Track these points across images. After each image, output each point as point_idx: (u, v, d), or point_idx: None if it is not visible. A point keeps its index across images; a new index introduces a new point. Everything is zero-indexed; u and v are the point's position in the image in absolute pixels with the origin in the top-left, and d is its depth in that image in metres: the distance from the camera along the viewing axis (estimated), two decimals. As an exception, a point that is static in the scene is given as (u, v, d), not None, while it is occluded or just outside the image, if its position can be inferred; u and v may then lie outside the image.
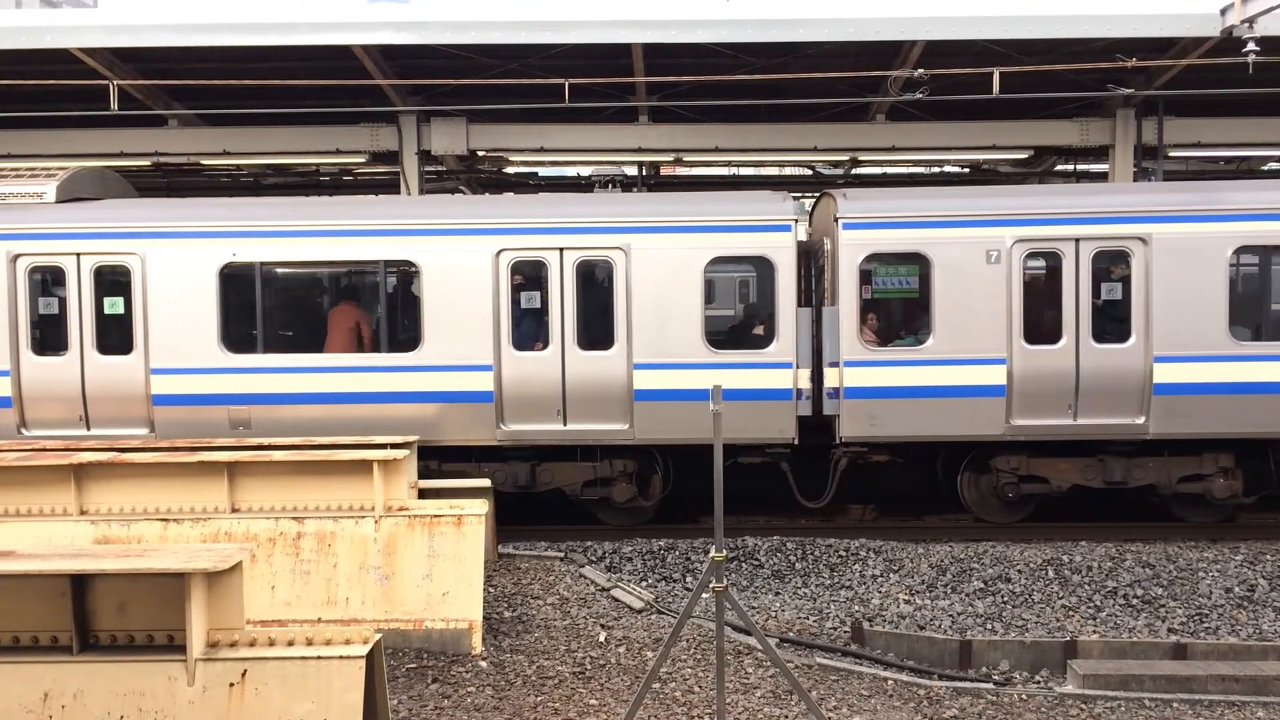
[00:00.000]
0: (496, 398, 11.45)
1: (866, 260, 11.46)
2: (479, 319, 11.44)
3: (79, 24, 13.27)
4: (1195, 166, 17.39)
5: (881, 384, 11.31)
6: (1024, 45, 12.75)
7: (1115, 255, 11.32)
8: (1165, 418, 11.20)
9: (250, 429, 11.43)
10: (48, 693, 5.11)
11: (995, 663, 8.80)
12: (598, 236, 11.50)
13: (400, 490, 8.87)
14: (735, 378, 11.26)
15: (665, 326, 11.39)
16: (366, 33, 12.71)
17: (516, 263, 11.52)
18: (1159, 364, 11.16)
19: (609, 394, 11.44)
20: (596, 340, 11.52)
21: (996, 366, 11.24)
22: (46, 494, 8.48)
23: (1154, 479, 11.64)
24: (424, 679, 7.61)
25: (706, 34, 12.64)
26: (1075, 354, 11.26)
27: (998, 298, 11.24)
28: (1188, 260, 11.17)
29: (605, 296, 11.52)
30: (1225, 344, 11.16)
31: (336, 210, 12.07)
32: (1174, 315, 11.15)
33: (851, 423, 11.37)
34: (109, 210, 11.97)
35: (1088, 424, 11.29)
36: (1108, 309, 11.39)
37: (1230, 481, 11.59)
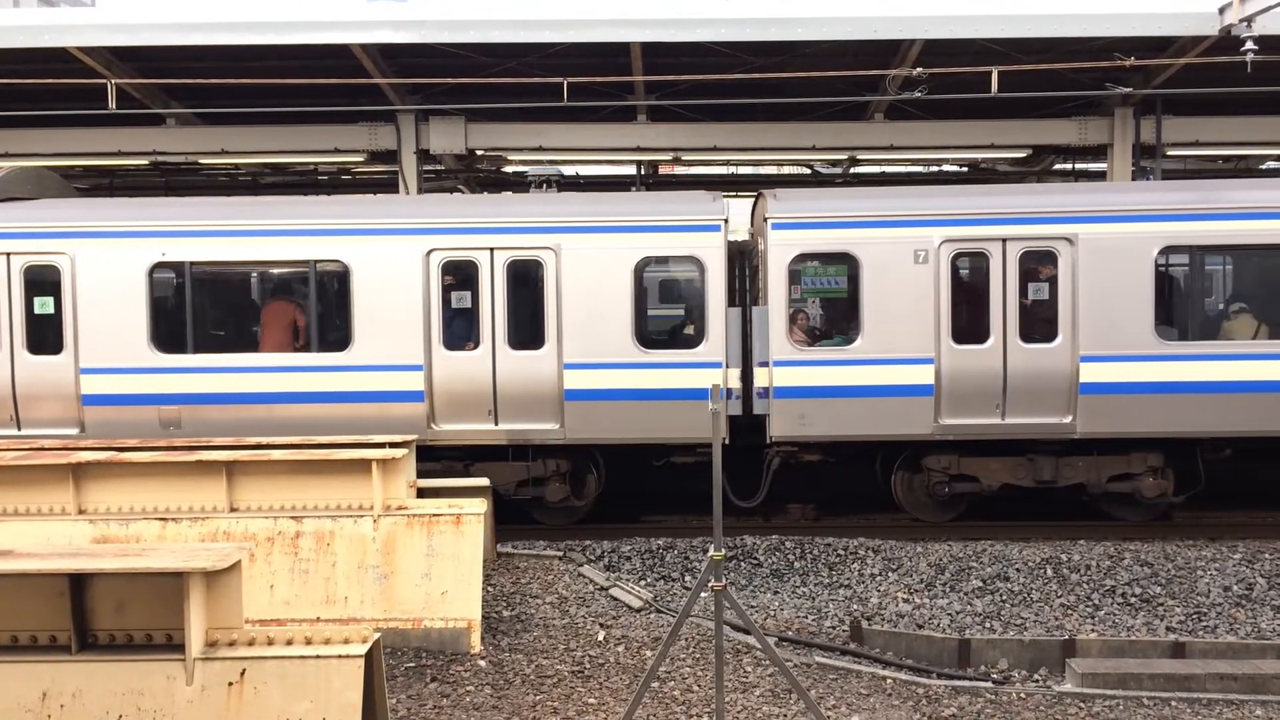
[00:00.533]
0: (428, 397, 11.49)
1: (796, 260, 11.54)
2: (409, 319, 11.48)
3: (77, 23, 13.27)
4: (1194, 165, 17.39)
5: (811, 384, 11.38)
6: (1022, 44, 12.75)
7: (1042, 255, 11.39)
8: (1092, 417, 11.27)
9: (180, 429, 11.45)
10: (46, 692, 5.11)
11: (994, 661, 8.81)
12: (528, 236, 11.54)
13: (399, 489, 8.87)
14: (665, 377, 11.39)
15: (595, 326, 11.44)
16: (365, 31, 12.70)
17: (447, 263, 11.57)
18: (1085, 364, 11.22)
19: (540, 394, 11.49)
20: (527, 340, 11.57)
21: (924, 366, 11.31)
22: (45, 493, 8.47)
23: (1083, 478, 11.71)
24: (423, 678, 7.61)
25: (705, 33, 12.64)
26: (1003, 354, 11.33)
27: (926, 297, 11.30)
28: (1114, 260, 11.24)
29: (536, 296, 11.57)
30: (1151, 344, 11.23)
31: (267, 210, 12.08)
32: (1100, 315, 11.22)
33: (781, 422, 11.42)
34: (39, 210, 11.99)
35: (1015, 423, 11.35)
36: (1035, 309, 11.47)
37: (1159, 481, 11.64)
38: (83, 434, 11.43)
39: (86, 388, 11.52)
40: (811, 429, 11.41)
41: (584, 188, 18.76)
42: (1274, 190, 11.84)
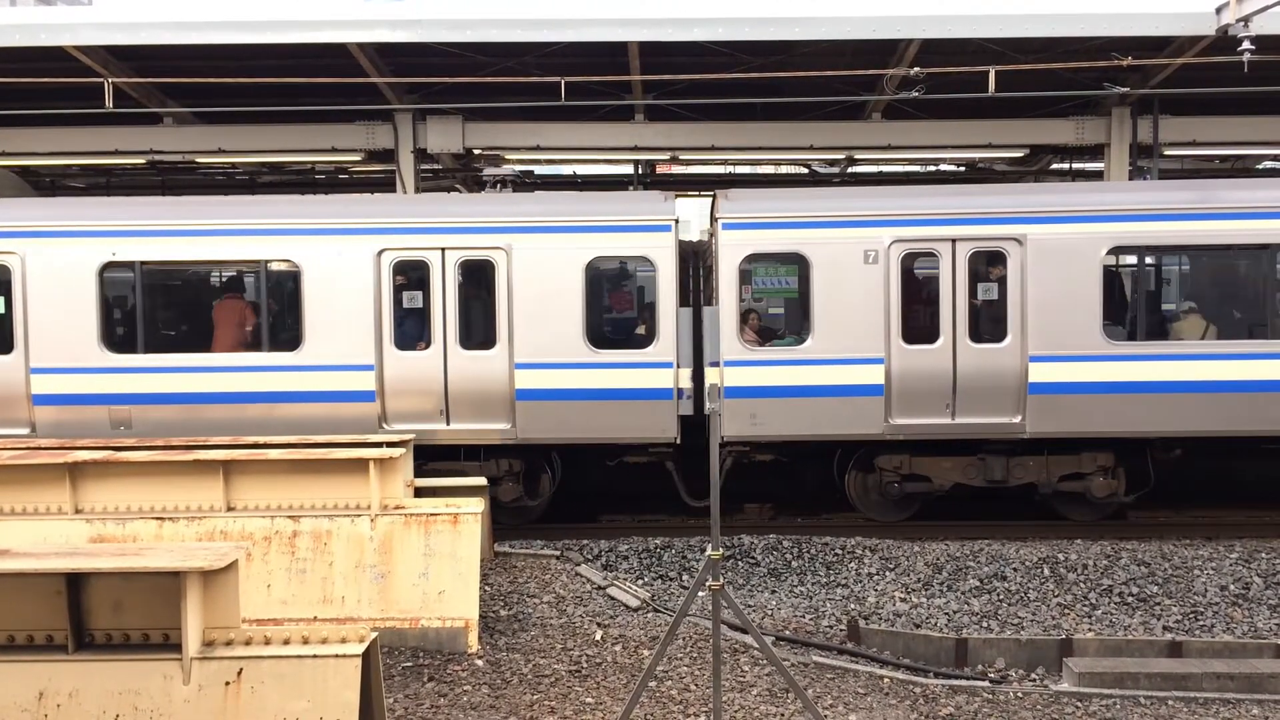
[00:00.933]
0: (379, 397, 11.49)
1: (747, 260, 11.58)
2: (360, 319, 11.48)
3: (73, 21, 13.22)
4: (1191, 165, 17.40)
5: (762, 383, 11.40)
6: (1020, 44, 12.75)
7: (992, 256, 11.43)
8: (1041, 417, 11.30)
9: (131, 429, 11.43)
10: (43, 691, 5.10)
11: (991, 660, 8.82)
12: (479, 236, 11.56)
13: (396, 489, 8.87)
14: (616, 377, 11.42)
15: (547, 326, 11.46)
16: (362, 30, 12.68)
17: (398, 262, 11.58)
18: (1034, 363, 11.25)
19: (491, 393, 11.50)
20: (479, 340, 11.60)
21: (875, 366, 11.33)
22: (41, 492, 8.46)
23: (1034, 478, 11.74)
24: (420, 678, 7.60)
25: (703, 32, 12.63)
26: (952, 354, 11.36)
27: (876, 298, 11.33)
28: (1062, 261, 11.27)
29: (487, 296, 11.58)
30: (1099, 344, 11.26)
31: (219, 210, 12.07)
32: (1049, 315, 11.26)
33: (733, 422, 11.43)
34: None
35: (965, 423, 11.39)
36: (985, 309, 11.51)
37: (1109, 480, 11.66)
38: (33, 434, 11.42)
39: (37, 387, 11.50)
40: (763, 429, 11.43)
41: (583, 187, 18.77)
42: (1221, 191, 11.90)
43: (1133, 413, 11.25)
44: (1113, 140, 14.64)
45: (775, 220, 11.51)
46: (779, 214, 11.55)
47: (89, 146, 15.04)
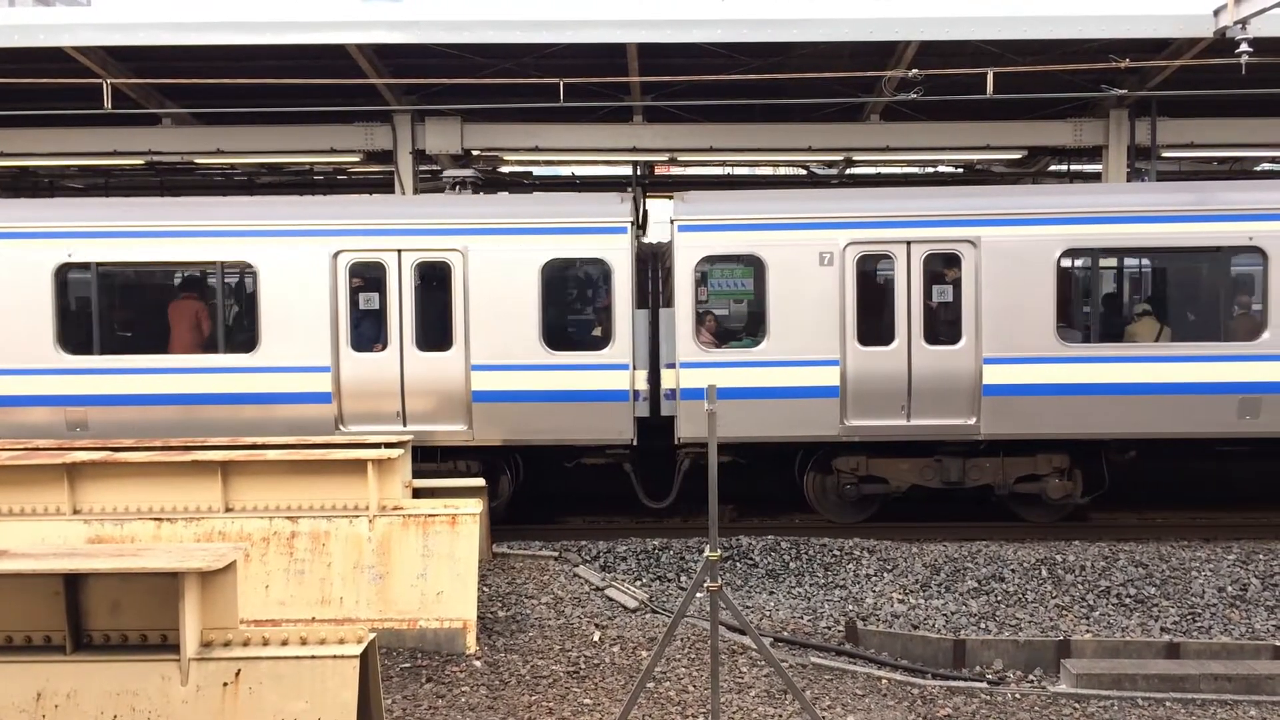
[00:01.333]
0: (335, 399, 11.50)
1: (703, 262, 11.62)
2: (316, 320, 11.49)
3: (72, 22, 13.23)
4: (1189, 167, 17.42)
5: (718, 385, 11.34)
6: (1018, 46, 12.76)
7: (946, 258, 11.46)
8: (995, 419, 11.33)
9: (88, 430, 11.43)
10: (41, 692, 5.10)
11: (989, 662, 8.82)
12: (435, 238, 11.57)
13: (394, 489, 8.86)
14: (573, 379, 11.45)
15: (503, 328, 11.47)
16: (361, 32, 12.68)
17: (355, 264, 11.59)
18: (988, 365, 11.28)
19: (447, 395, 11.52)
20: (435, 342, 11.59)
21: (830, 368, 11.36)
22: (39, 493, 8.46)
23: (990, 479, 11.75)
24: (418, 679, 7.60)
25: (701, 34, 12.64)
26: (907, 356, 11.39)
27: (831, 300, 11.36)
28: (1016, 263, 11.30)
29: (444, 298, 11.58)
30: (1053, 346, 11.29)
31: (175, 211, 12.07)
32: (1003, 317, 11.29)
33: (689, 424, 11.45)
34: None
35: (921, 424, 11.42)
36: (939, 311, 11.54)
37: (1064, 482, 11.68)
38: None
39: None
40: (719, 430, 11.39)
41: (581, 188, 18.77)
42: (1174, 194, 11.94)
43: (1086, 414, 11.29)
44: (1111, 142, 14.65)
45: (731, 222, 11.54)
46: (735, 216, 11.59)
47: (88, 147, 15.04)
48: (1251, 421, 11.20)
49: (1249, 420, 11.20)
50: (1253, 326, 11.42)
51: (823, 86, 13.57)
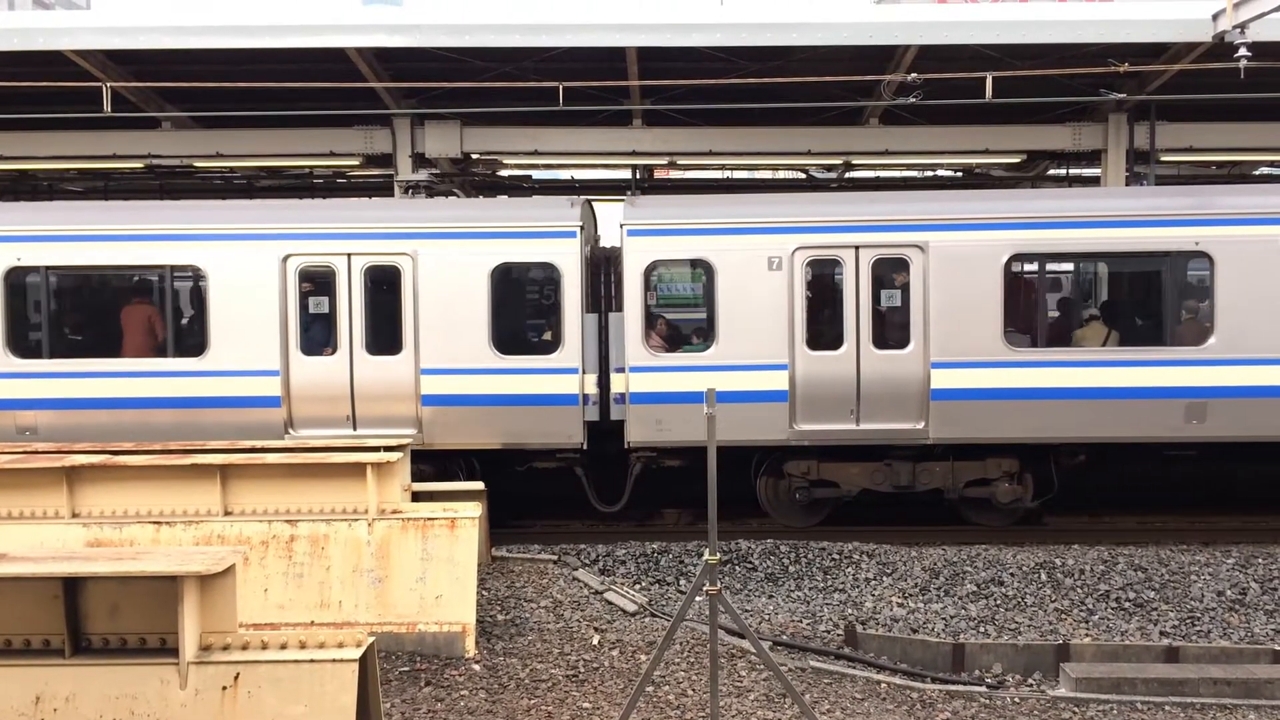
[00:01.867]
0: (285, 403, 11.48)
1: (652, 266, 11.61)
2: (266, 324, 11.46)
3: (72, 26, 13.24)
4: (1188, 171, 17.43)
5: (667, 389, 11.41)
6: (1017, 50, 12.77)
7: (895, 263, 11.46)
8: (943, 423, 11.33)
9: (37, 434, 11.42)
10: (39, 696, 5.10)
11: (988, 666, 8.82)
12: (385, 242, 11.57)
13: (393, 493, 8.86)
14: (522, 383, 11.45)
15: (453, 332, 11.46)
16: (360, 35, 12.70)
17: (304, 268, 11.58)
18: (936, 370, 11.29)
19: (398, 399, 11.50)
20: (385, 346, 11.57)
21: (779, 372, 11.35)
22: (38, 496, 8.45)
23: (941, 483, 11.74)
24: (417, 682, 7.60)
25: (700, 38, 12.65)
26: (856, 360, 11.38)
27: (780, 304, 11.35)
28: (964, 268, 11.30)
29: (394, 302, 11.56)
30: (1000, 350, 11.29)
31: (124, 215, 12.03)
32: (951, 322, 11.29)
33: (639, 428, 11.47)
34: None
35: (870, 429, 11.41)
36: (888, 316, 11.55)
37: (1014, 486, 11.69)
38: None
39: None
40: (668, 434, 11.46)
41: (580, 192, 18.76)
42: (1123, 199, 11.95)
43: (1034, 419, 11.28)
44: (1109, 146, 14.66)
45: (681, 227, 11.55)
46: (684, 220, 11.59)
47: (87, 150, 15.04)
48: (1198, 426, 11.21)
49: (1196, 425, 11.20)
50: (1199, 331, 11.40)
51: (822, 90, 13.58)
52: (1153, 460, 12.46)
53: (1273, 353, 11.15)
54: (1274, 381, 11.13)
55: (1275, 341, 11.14)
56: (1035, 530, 11.95)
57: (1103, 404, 11.23)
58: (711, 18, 13.23)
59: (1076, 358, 11.42)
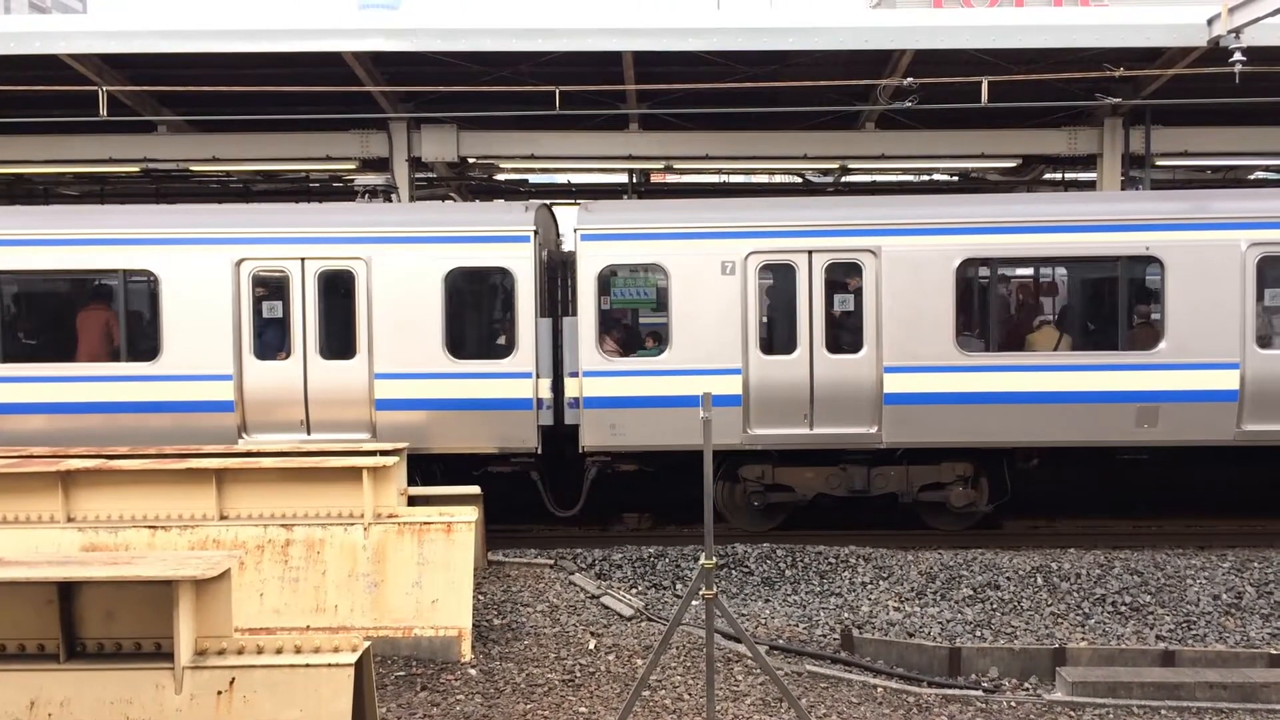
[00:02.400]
0: (238, 407, 11.48)
1: (606, 271, 11.64)
2: (219, 329, 11.46)
3: (67, 29, 13.24)
4: (1183, 175, 17.47)
5: (621, 394, 11.44)
6: (1013, 55, 12.80)
7: (847, 267, 11.48)
8: (896, 427, 11.34)
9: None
10: (34, 701, 5.08)
11: (984, 670, 8.81)
12: (339, 247, 11.58)
13: (390, 497, 8.84)
14: (476, 387, 11.45)
15: (406, 336, 11.46)
16: (357, 39, 12.71)
17: (258, 272, 11.59)
18: (889, 374, 11.30)
19: (351, 403, 11.49)
20: (339, 350, 11.57)
21: (733, 376, 11.36)
22: (33, 501, 8.43)
23: (895, 488, 11.76)
24: (413, 687, 7.59)
25: (697, 42, 12.67)
26: (809, 365, 11.38)
27: (733, 309, 11.37)
28: (916, 272, 11.33)
29: (348, 307, 11.56)
30: (952, 355, 11.31)
31: (77, 219, 12.04)
32: (903, 327, 11.31)
33: (593, 432, 11.47)
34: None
35: (824, 433, 11.42)
36: (841, 320, 11.57)
37: (968, 490, 11.70)
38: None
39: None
40: (623, 439, 11.47)
41: (577, 196, 18.77)
42: (1074, 204, 12.04)
43: (987, 423, 11.30)
44: (1105, 151, 14.69)
45: (634, 231, 11.57)
46: (638, 225, 11.62)
47: (83, 154, 15.02)
48: (1149, 430, 11.24)
49: (1147, 429, 11.24)
50: (1150, 336, 11.43)
51: (818, 95, 13.61)
52: (1109, 465, 12.49)
53: (1222, 357, 11.18)
54: (1223, 386, 11.16)
55: (1224, 346, 11.18)
56: (1031, 534, 11.96)
57: (1055, 408, 11.26)
58: (708, 22, 13.25)
59: (1028, 362, 11.44)
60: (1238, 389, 11.14)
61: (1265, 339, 11.27)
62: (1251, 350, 11.16)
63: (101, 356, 11.73)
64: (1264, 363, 11.16)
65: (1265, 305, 11.29)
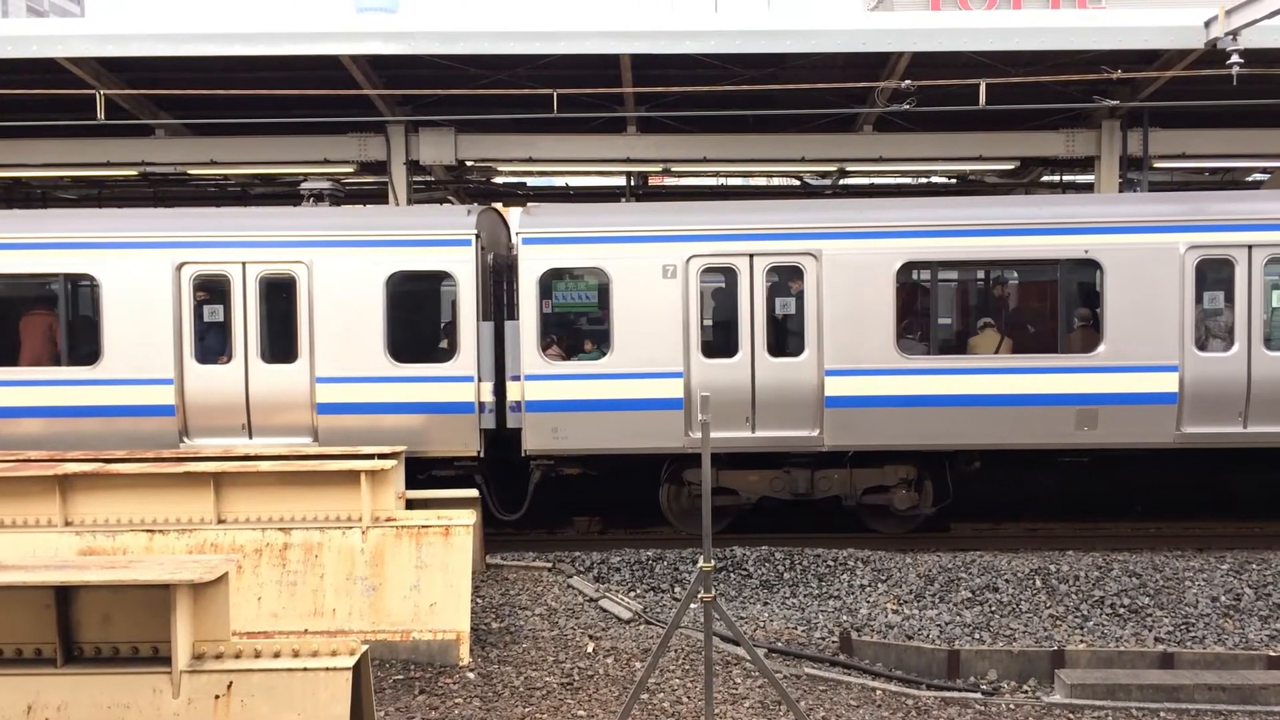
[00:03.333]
0: (179, 411, 11.45)
1: (547, 275, 11.60)
2: (160, 332, 11.43)
3: (65, 33, 13.23)
4: (1181, 177, 17.48)
5: (563, 397, 11.43)
6: (1010, 57, 12.81)
7: (789, 271, 11.47)
8: (837, 430, 11.34)
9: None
10: (31, 705, 5.07)
11: (983, 672, 8.81)
12: (280, 250, 11.57)
13: (388, 500, 8.84)
14: (418, 391, 11.43)
15: (348, 340, 11.45)
16: (355, 43, 12.70)
17: (199, 276, 11.57)
18: (830, 377, 11.30)
19: (293, 407, 11.48)
20: (280, 354, 11.56)
21: (674, 380, 11.35)
22: (31, 505, 8.42)
23: (839, 491, 11.75)
24: (411, 690, 7.58)
25: (694, 45, 12.68)
26: (751, 368, 11.38)
27: (675, 312, 11.36)
28: (857, 276, 11.33)
29: (289, 310, 11.55)
30: (893, 358, 11.31)
31: (17, 224, 11.98)
32: (844, 330, 11.31)
33: (535, 436, 11.46)
34: None
35: (765, 436, 11.40)
36: (783, 323, 11.56)
37: (910, 493, 11.70)
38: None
39: None
40: (565, 442, 11.45)
41: (574, 199, 18.78)
42: (1013, 207, 12.02)
43: (928, 426, 11.30)
44: (1103, 153, 14.70)
45: (576, 235, 11.56)
46: (580, 229, 11.60)
47: (81, 158, 15.02)
48: (1089, 432, 11.25)
49: (1087, 431, 11.25)
50: (1090, 338, 11.43)
51: (816, 97, 13.61)
52: (1051, 467, 12.46)
53: (1161, 360, 11.19)
54: (1163, 389, 11.18)
55: (1163, 349, 11.19)
56: (1029, 537, 11.95)
57: (996, 411, 11.27)
58: (706, 25, 13.24)
59: (969, 365, 11.46)
60: (1177, 392, 11.16)
61: (1204, 342, 11.29)
62: (1191, 353, 11.18)
63: (43, 360, 11.72)
64: (1203, 365, 11.17)
65: (1204, 308, 11.31)
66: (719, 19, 13.26)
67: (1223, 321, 11.32)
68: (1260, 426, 11.21)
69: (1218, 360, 11.20)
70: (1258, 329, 11.22)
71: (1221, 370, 11.18)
